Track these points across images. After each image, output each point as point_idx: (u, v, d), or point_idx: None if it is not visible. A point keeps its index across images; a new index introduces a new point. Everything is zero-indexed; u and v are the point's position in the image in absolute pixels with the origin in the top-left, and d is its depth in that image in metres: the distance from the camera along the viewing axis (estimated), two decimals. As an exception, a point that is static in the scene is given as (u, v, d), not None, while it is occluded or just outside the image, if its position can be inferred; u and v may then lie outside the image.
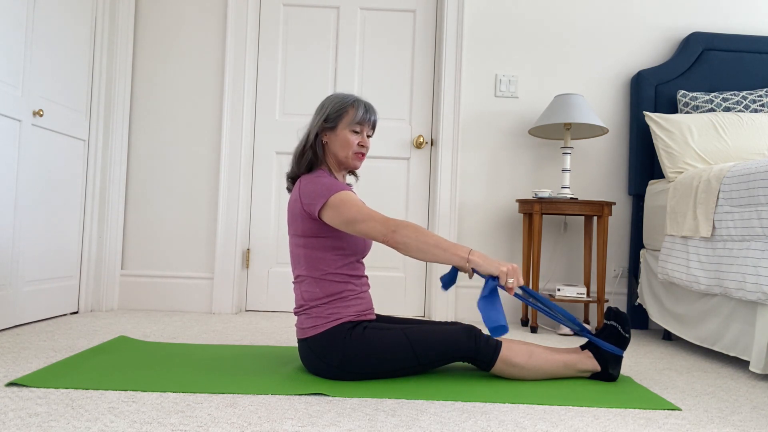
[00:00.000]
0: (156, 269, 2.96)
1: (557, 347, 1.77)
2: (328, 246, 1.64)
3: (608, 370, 1.71)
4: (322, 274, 1.64)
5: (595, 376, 1.73)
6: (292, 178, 1.76)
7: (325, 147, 1.72)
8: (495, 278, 1.49)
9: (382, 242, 1.52)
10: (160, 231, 2.97)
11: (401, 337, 1.62)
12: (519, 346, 1.69)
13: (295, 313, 1.70)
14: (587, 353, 1.72)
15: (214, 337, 2.28)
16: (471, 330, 1.66)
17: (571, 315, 1.69)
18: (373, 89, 3.07)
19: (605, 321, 1.75)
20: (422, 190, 3.07)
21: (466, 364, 1.89)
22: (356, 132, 1.70)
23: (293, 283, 1.71)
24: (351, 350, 1.59)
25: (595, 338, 1.70)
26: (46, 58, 2.43)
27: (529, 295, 1.69)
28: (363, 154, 1.73)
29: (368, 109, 1.71)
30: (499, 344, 1.66)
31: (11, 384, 1.48)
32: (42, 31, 2.39)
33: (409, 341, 1.62)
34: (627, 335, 1.71)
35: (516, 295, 1.62)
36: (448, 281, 1.63)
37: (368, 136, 1.75)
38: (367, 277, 1.77)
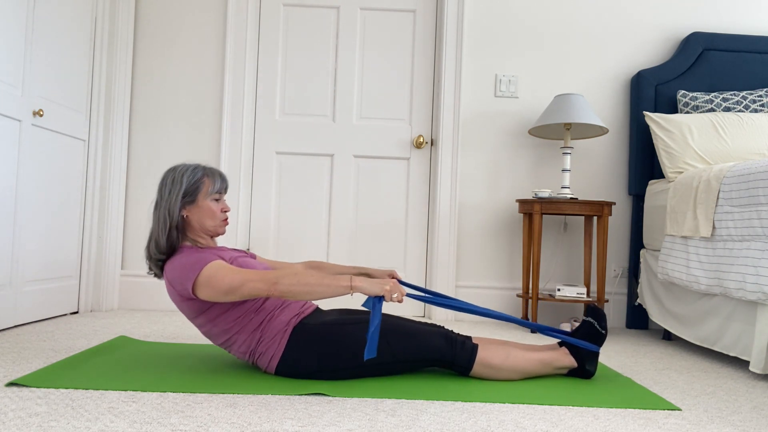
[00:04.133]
0: (156, 269, 2.96)
1: (534, 345, 1.78)
2: (228, 305, 1.61)
3: (585, 366, 1.71)
4: (239, 324, 1.62)
5: (572, 373, 1.74)
6: (160, 264, 1.67)
7: (186, 221, 1.68)
8: (380, 298, 1.49)
9: (268, 296, 1.51)
10: (160, 231, 2.96)
11: None
12: (495, 347, 1.69)
13: (252, 364, 1.68)
14: (564, 350, 1.73)
15: (214, 337, 2.28)
16: (448, 335, 1.67)
17: (478, 307, 1.68)
18: (373, 89, 3.08)
19: (584, 317, 1.76)
20: (422, 190, 3.07)
21: None
22: (216, 200, 1.70)
23: (224, 348, 1.69)
24: (324, 348, 1.59)
25: (564, 335, 1.72)
26: (46, 58, 2.43)
27: (432, 296, 1.67)
28: (227, 220, 1.74)
29: (222, 176, 1.72)
30: (475, 348, 1.66)
31: (11, 384, 1.48)
32: (42, 31, 2.39)
33: (384, 334, 1.62)
34: (603, 331, 1.72)
35: (412, 296, 1.63)
36: (378, 317, 1.50)
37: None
38: None
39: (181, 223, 1.66)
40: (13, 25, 2.21)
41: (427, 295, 1.65)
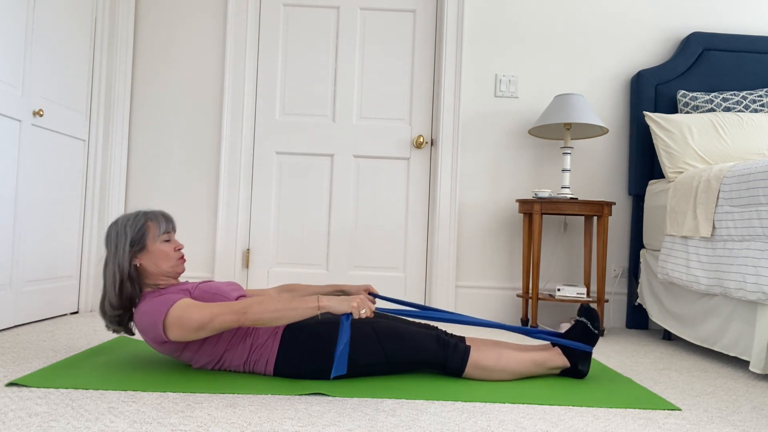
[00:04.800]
0: (156, 269, 2.96)
1: (527, 345, 1.78)
2: (203, 337, 1.61)
3: (577, 366, 1.71)
4: (225, 341, 1.63)
5: (564, 373, 1.74)
6: (116, 319, 1.66)
7: (140, 269, 1.66)
8: (348, 315, 1.50)
9: (239, 326, 1.51)
10: (160, 231, 2.96)
11: (368, 331, 1.63)
12: (488, 348, 1.69)
13: (249, 372, 1.68)
14: (557, 350, 1.73)
15: (214, 337, 2.28)
16: (440, 337, 1.68)
17: (455, 314, 1.69)
18: (373, 89, 3.08)
19: (577, 317, 1.76)
20: (422, 190, 3.07)
21: None
22: (167, 241, 1.69)
23: (219, 370, 1.69)
24: (318, 348, 1.59)
25: (553, 337, 1.72)
26: (46, 58, 2.43)
27: (407, 308, 1.67)
28: (183, 257, 1.73)
29: (166, 217, 1.71)
30: (467, 350, 1.66)
31: (11, 384, 1.48)
32: (42, 31, 2.39)
33: (377, 335, 1.63)
34: (596, 331, 1.72)
35: (382, 310, 1.65)
36: (347, 335, 1.51)
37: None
38: None
39: (134, 272, 1.64)
40: (13, 25, 2.21)
41: (404, 307, 1.66)
